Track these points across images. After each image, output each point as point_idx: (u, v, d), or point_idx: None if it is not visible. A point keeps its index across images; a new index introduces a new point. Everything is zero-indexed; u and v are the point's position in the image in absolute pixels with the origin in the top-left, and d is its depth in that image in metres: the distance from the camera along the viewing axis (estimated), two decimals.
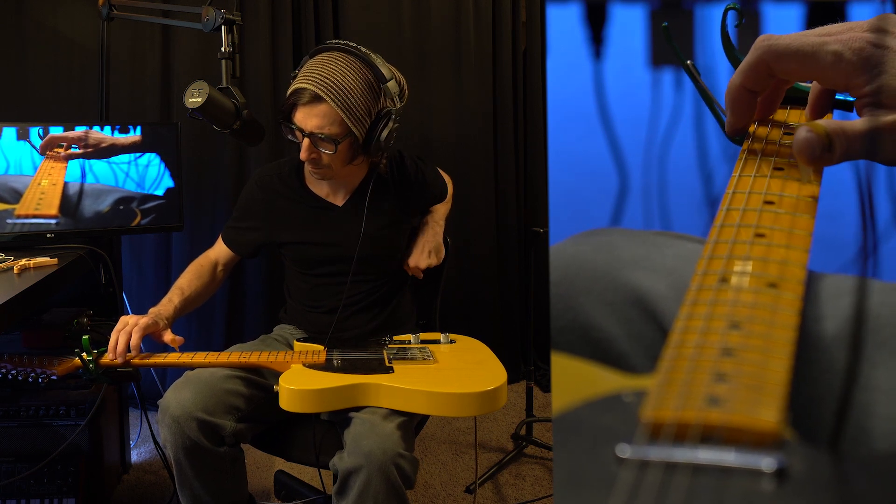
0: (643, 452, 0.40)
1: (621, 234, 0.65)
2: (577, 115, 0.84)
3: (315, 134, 1.42)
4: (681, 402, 0.41)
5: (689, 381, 0.42)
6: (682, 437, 0.40)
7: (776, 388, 0.41)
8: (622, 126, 0.80)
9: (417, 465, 1.29)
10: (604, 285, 0.59)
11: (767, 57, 0.56)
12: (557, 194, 0.68)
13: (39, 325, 1.79)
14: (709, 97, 0.67)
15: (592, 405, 0.46)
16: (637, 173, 0.80)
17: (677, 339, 0.46)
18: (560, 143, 0.79)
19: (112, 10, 1.93)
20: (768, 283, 0.48)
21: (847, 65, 0.53)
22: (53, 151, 1.81)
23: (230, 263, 1.69)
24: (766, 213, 0.54)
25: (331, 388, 1.26)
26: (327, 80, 1.40)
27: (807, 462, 0.39)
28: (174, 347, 1.40)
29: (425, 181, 1.67)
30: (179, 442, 1.31)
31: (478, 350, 1.48)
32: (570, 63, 0.88)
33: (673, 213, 0.56)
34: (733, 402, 0.41)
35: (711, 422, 0.40)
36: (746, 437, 0.40)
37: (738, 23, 0.66)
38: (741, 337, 0.45)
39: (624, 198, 0.80)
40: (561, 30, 0.87)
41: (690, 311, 0.47)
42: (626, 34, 0.90)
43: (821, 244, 0.83)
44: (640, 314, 0.57)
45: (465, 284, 2.80)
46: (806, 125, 0.54)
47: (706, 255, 0.51)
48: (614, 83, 0.67)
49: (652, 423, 0.41)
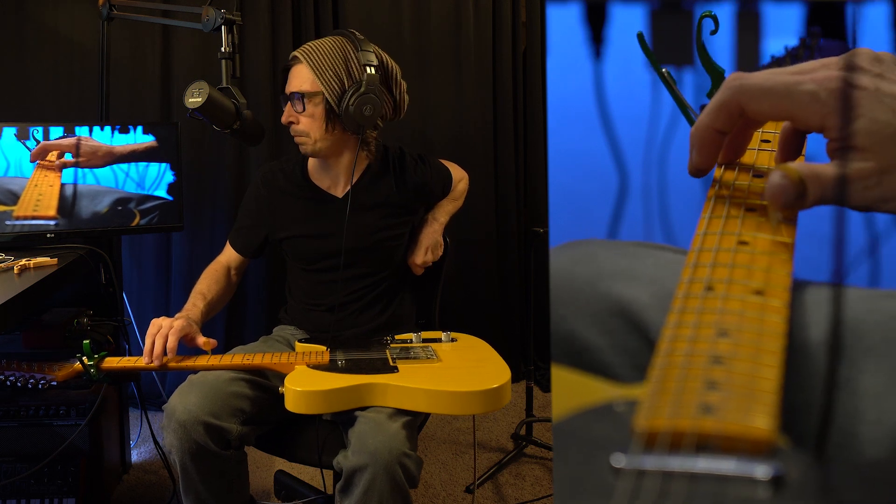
0: (639, 462, 0.40)
1: (600, 245, 0.65)
2: (577, 115, 0.84)
3: (292, 94, 1.52)
4: (674, 410, 0.41)
5: (680, 389, 0.42)
6: (676, 446, 0.40)
7: (768, 396, 0.42)
8: (622, 126, 0.80)
9: (422, 464, 1.29)
10: (585, 297, 0.59)
11: (740, 97, 0.54)
12: (557, 194, 0.68)
13: (39, 325, 1.79)
14: (683, 104, 0.66)
15: (584, 415, 0.46)
16: (637, 173, 0.80)
17: (666, 347, 0.45)
18: (560, 143, 0.79)
19: (112, 10, 1.93)
20: (754, 290, 0.48)
21: (822, 105, 0.51)
22: (46, 160, 1.81)
23: (241, 267, 1.71)
24: (748, 220, 0.53)
25: (337, 389, 1.25)
26: (308, 46, 1.52)
27: (800, 469, 0.39)
28: (207, 350, 1.38)
29: (424, 179, 1.68)
30: (186, 447, 1.30)
31: (480, 348, 1.49)
32: (570, 63, 0.88)
33: (673, 213, 0.56)
34: (726, 411, 0.41)
35: (706, 430, 0.40)
36: (741, 444, 0.40)
37: (712, 30, 0.65)
38: (730, 345, 0.45)
39: (624, 198, 0.80)
40: (561, 30, 0.87)
41: (678, 318, 0.47)
42: (626, 34, 0.90)
43: (820, 244, 0.83)
44: (624, 324, 0.57)
45: (464, 284, 2.80)
46: (779, 170, 0.52)
47: (691, 263, 0.51)
48: (614, 83, 0.67)
49: (646, 433, 0.41)
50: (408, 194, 1.65)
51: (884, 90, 0.50)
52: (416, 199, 1.69)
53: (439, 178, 1.74)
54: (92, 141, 1.84)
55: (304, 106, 1.50)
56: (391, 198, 1.63)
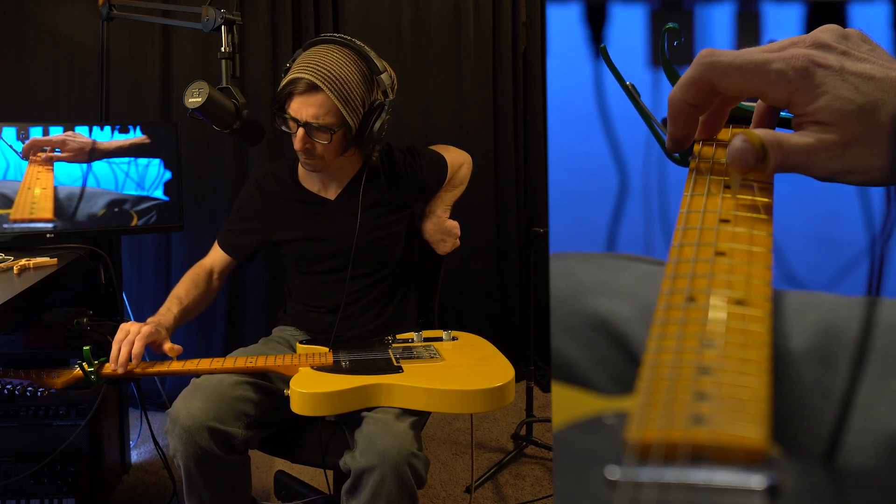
0: (634, 474, 0.40)
1: (578, 258, 0.65)
2: (577, 116, 0.84)
3: (310, 124, 1.44)
4: (665, 422, 0.41)
5: (670, 400, 0.42)
6: (670, 457, 0.40)
7: (758, 405, 0.42)
8: (622, 126, 0.80)
9: (429, 464, 1.29)
10: (564, 311, 0.59)
11: (710, 73, 0.55)
12: (557, 194, 0.68)
13: (39, 325, 1.79)
14: (648, 117, 0.66)
15: (576, 427, 0.46)
16: (637, 173, 0.80)
17: (652, 359, 0.45)
18: (560, 144, 0.79)
19: (112, 10, 1.93)
20: (736, 300, 0.48)
21: (789, 83, 0.53)
22: (36, 156, 1.81)
23: (226, 271, 1.68)
24: (723, 231, 0.54)
25: (344, 391, 1.25)
26: (324, 70, 1.42)
27: (795, 478, 0.40)
28: (172, 357, 1.37)
29: (415, 174, 1.66)
30: (190, 452, 1.29)
31: (482, 346, 1.49)
32: (570, 63, 0.88)
33: (673, 214, 0.56)
34: (718, 421, 0.41)
35: (698, 441, 0.40)
36: (734, 454, 0.40)
37: (676, 43, 0.66)
38: (716, 355, 0.45)
39: (624, 198, 0.80)
40: (561, 30, 0.87)
41: (662, 330, 0.47)
42: (626, 34, 0.90)
43: (821, 244, 0.83)
44: (604, 338, 0.57)
45: (464, 284, 2.80)
46: (741, 134, 0.54)
47: (670, 275, 0.51)
48: (614, 83, 0.67)
49: (639, 445, 0.41)
50: (400, 191, 1.64)
51: (848, 68, 0.52)
52: (409, 195, 1.67)
53: (432, 169, 1.70)
54: (79, 136, 1.84)
55: (331, 138, 1.45)
56: (384, 196, 1.62)
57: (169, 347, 1.38)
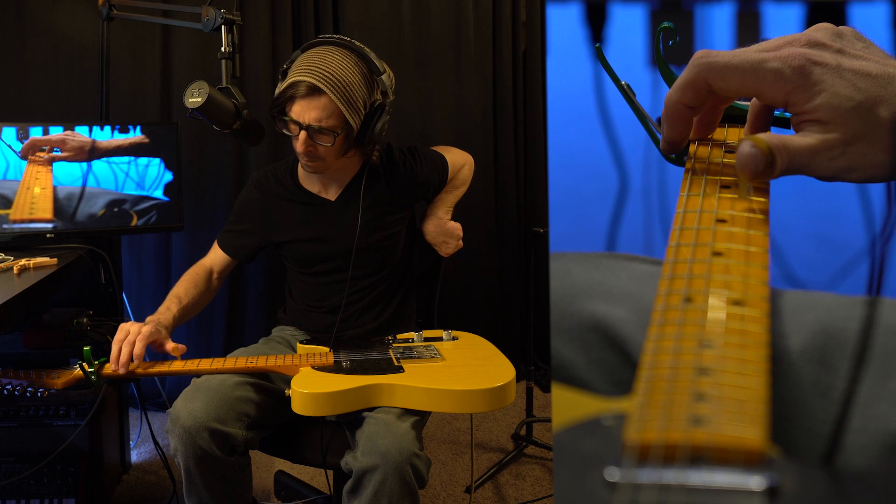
0: (633, 475, 0.40)
1: (575, 259, 0.64)
2: (577, 116, 0.84)
3: (312, 126, 1.43)
4: (665, 423, 0.41)
5: (669, 402, 0.42)
6: (670, 459, 0.40)
7: (757, 406, 0.42)
8: (622, 126, 0.80)
9: (430, 464, 1.29)
10: (559, 312, 0.59)
11: (706, 74, 0.55)
12: (557, 194, 0.68)
13: (39, 325, 1.79)
14: (643, 116, 0.66)
15: (575, 429, 0.46)
16: (637, 173, 0.80)
17: (651, 360, 0.45)
18: (560, 144, 0.79)
19: (112, 10, 1.93)
20: (733, 300, 0.48)
21: (786, 82, 0.52)
22: (35, 156, 1.80)
23: (225, 270, 1.67)
24: (720, 231, 0.54)
25: (345, 391, 1.25)
26: (327, 72, 1.41)
27: (794, 479, 0.40)
28: (176, 356, 1.37)
29: (415, 174, 1.66)
30: (191, 452, 1.28)
31: (482, 346, 1.49)
32: (570, 63, 0.88)
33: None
34: (717, 422, 0.41)
35: (698, 442, 0.40)
36: (734, 455, 0.40)
37: (671, 43, 0.66)
38: (715, 356, 0.45)
39: (624, 198, 0.80)
40: (561, 30, 0.87)
41: (660, 331, 0.47)
42: (626, 34, 0.90)
43: (821, 244, 0.83)
44: (600, 340, 0.57)
45: (464, 284, 2.80)
46: (749, 140, 0.53)
47: (667, 275, 0.51)
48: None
49: (638, 446, 0.41)
50: (400, 192, 1.64)
51: (844, 65, 0.52)
52: (410, 195, 1.67)
53: (433, 169, 1.69)
54: (79, 136, 1.84)
55: (334, 140, 1.45)
56: (384, 197, 1.62)
57: (173, 347, 1.37)
